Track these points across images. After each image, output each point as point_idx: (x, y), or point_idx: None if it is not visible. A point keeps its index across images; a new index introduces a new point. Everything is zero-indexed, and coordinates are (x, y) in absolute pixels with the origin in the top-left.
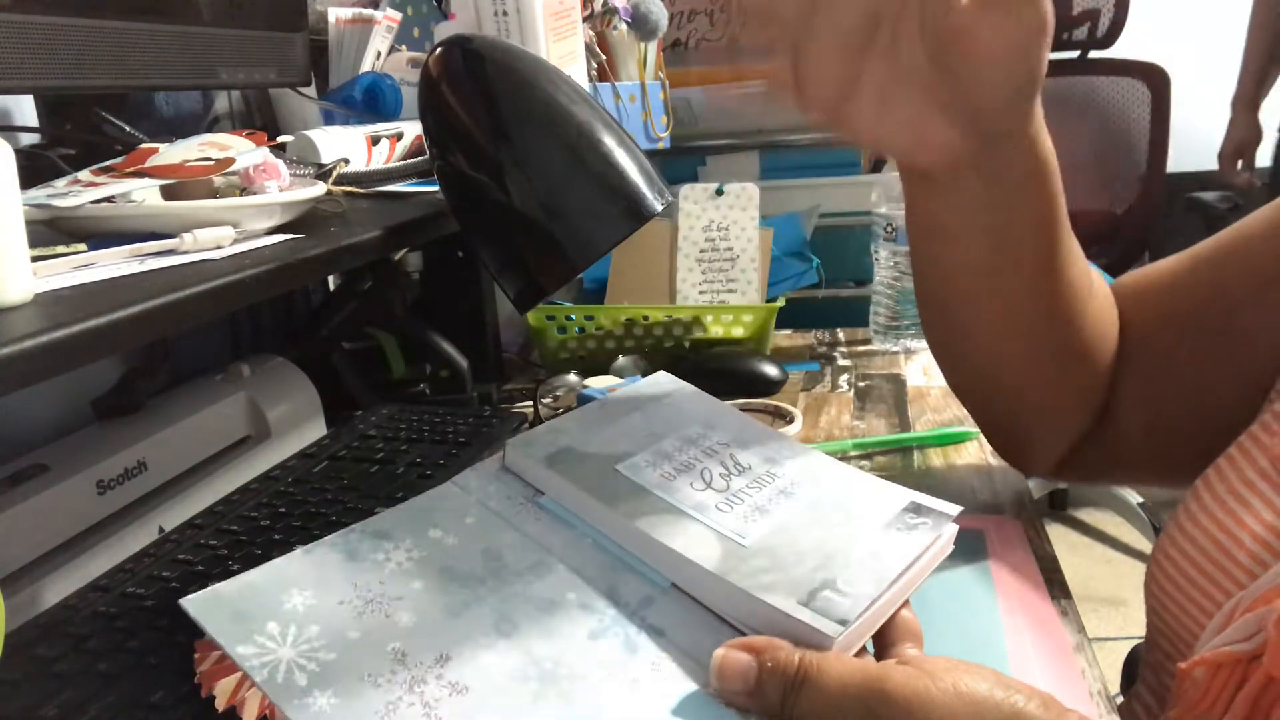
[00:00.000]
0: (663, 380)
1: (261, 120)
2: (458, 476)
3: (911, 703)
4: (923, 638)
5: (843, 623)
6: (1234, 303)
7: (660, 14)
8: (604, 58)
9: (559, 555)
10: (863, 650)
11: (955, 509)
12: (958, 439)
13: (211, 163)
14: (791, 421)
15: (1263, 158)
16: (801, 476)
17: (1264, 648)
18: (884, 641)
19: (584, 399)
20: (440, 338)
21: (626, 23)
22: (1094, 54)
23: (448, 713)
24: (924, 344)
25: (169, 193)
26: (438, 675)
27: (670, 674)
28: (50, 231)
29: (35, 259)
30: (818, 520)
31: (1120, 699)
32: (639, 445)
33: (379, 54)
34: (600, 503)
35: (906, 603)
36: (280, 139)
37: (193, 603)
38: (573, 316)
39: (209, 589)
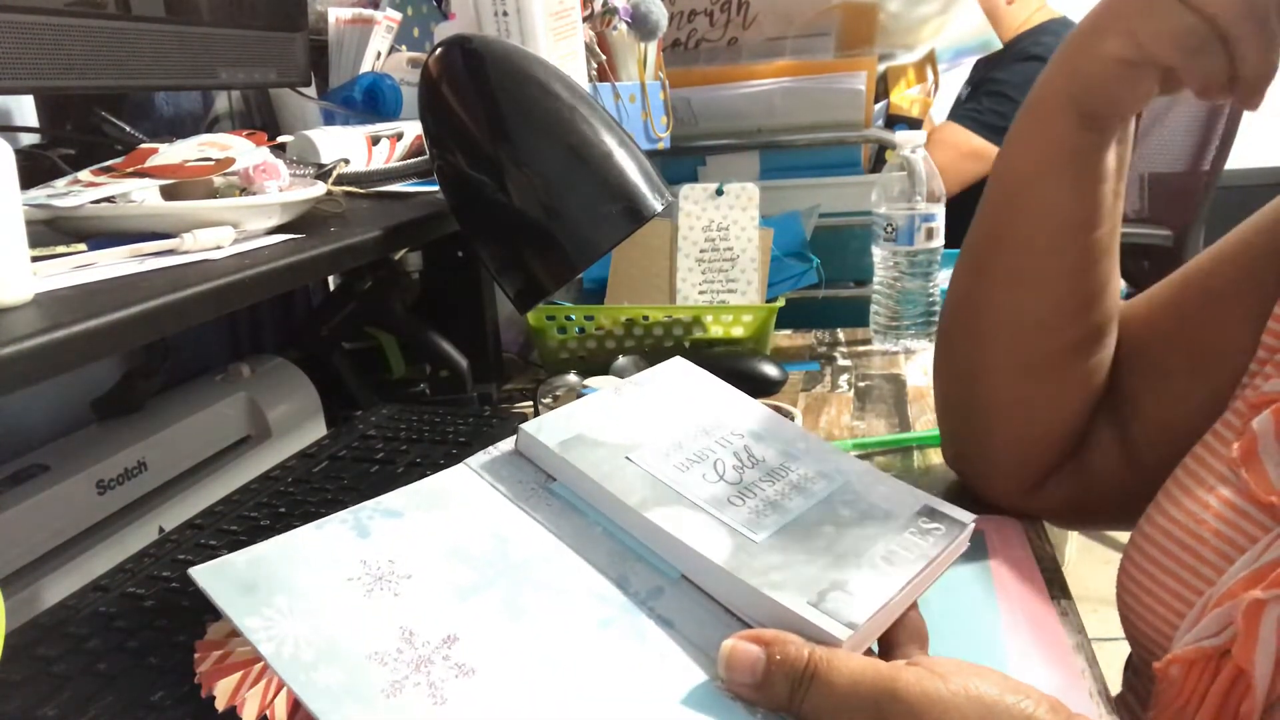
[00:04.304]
0: (679, 367)
1: (261, 120)
2: (470, 459)
3: (922, 703)
4: (929, 639)
5: (851, 625)
6: (1192, 334)
7: (660, 14)
8: (604, 58)
9: (569, 542)
10: (869, 651)
11: (970, 516)
12: None
13: (211, 163)
14: (791, 421)
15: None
16: (816, 472)
17: (1234, 641)
18: (890, 642)
19: None
20: (440, 338)
21: (626, 23)
22: None
23: (454, 693)
24: (924, 344)
25: (169, 193)
26: (445, 656)
27: (678, 665)
28: (50, 231)
29: (35, 259)
30: (830, 518)
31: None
32: (652, 434)
33: (379, 54)
34: (611, 492)
35: (914, 604)
36: (280, 139)
37: (202, 573)
38: (573, 316)
39: (218, 559)
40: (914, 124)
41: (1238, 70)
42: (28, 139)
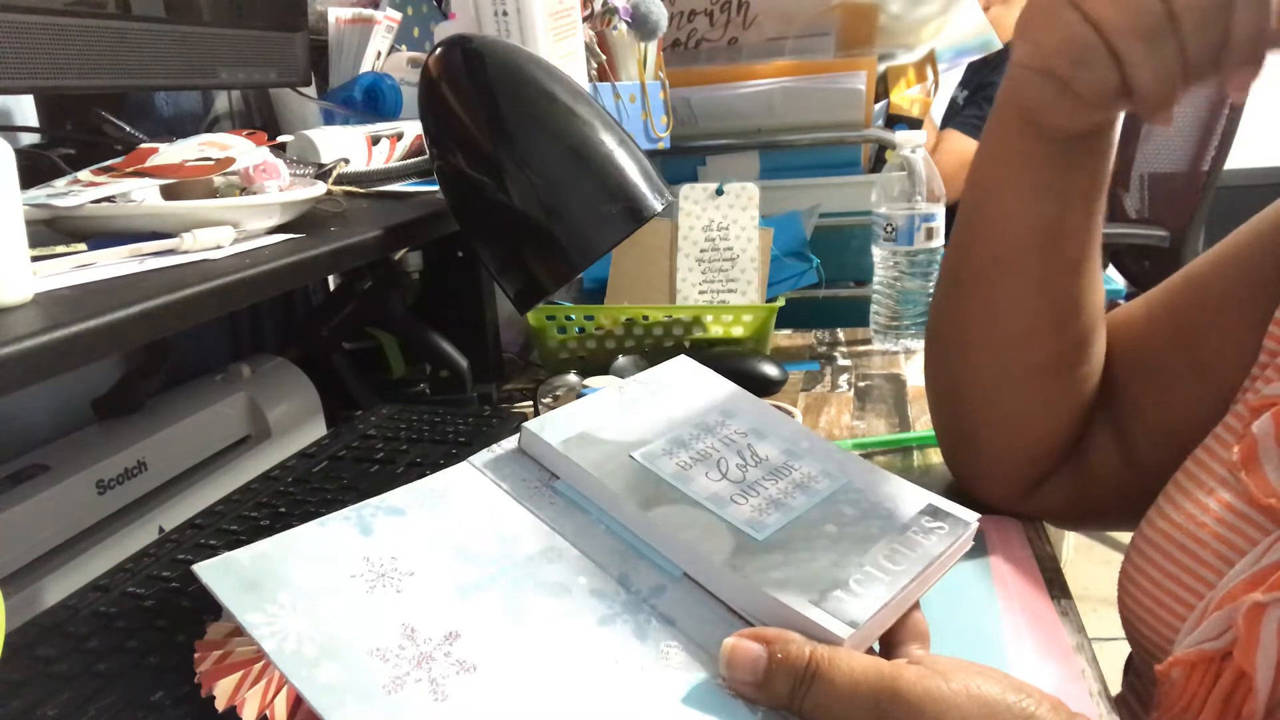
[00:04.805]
0: (683, 365)
1: (261, 120)
2: (473, 456)
3: (924, 701)
4: (930, 638)
5: (853, 624)
6: (1192, 339)
7: (660, 14)
8: (604, 58)
9: (571, 540)
10: (870, 650)
11: (974, 516)
12: None
13: (211, 163)
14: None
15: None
16: (819, 470)
17: (1235, 643)
18: (891, 641)
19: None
20: (440, 338)
21: (626, 23)
22: None
23: (455, 690)
24: (924, 344)
25: (169, 193)
26: (446, 653)
27: (679, 663)
28: (50, 231)
29: (35, 259)
30: (833, 517)
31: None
32: (656, 432)
33: (379, 54)
34: (614, 490)
35: (915, 604)
36: (280, 139)
37: (205, 569)
38: (573, 316)
39: (222, 556)
40: (914, 124)
41: (1131, 87)
42: (28, 139)
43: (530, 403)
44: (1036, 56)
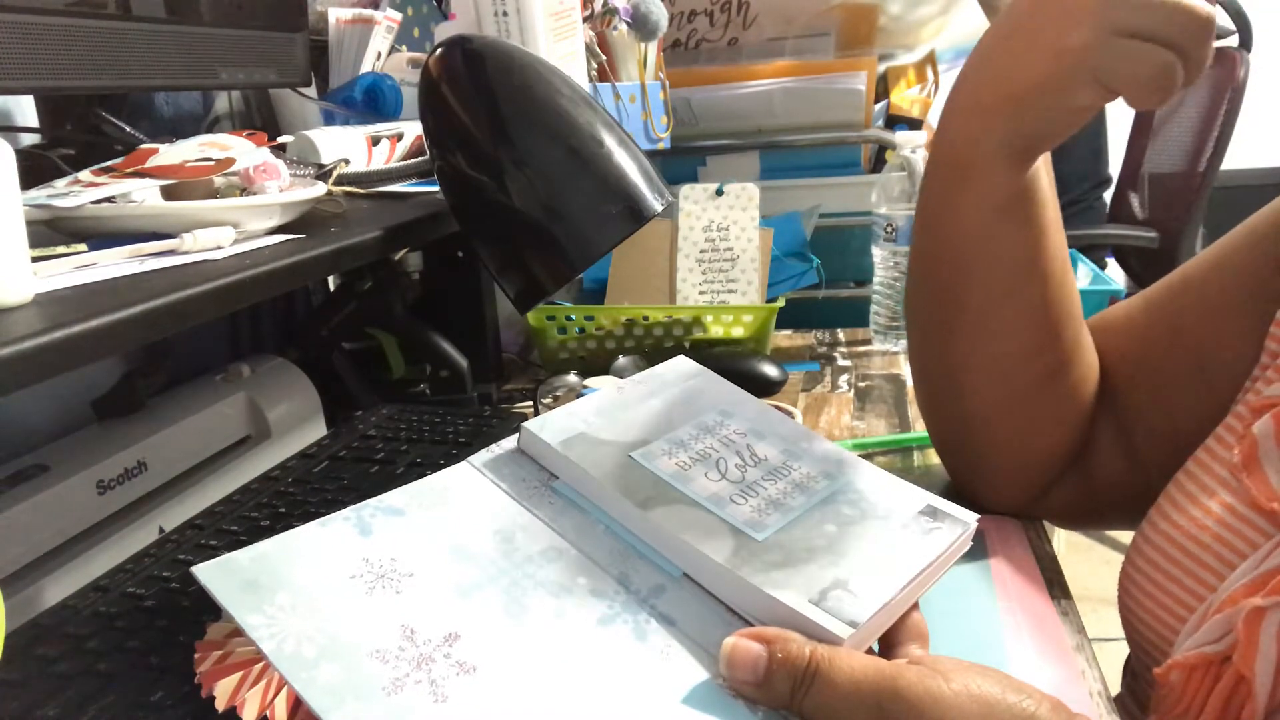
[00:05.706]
0: (682, 365)
1: (261, 120)
2: (473, 456)
3: (924, 701)
4: (929, 639)
5: (852, 624)
6: (1191, 339)
7: (660, 14)
8: (604, 58)
9: (571, 540)
10: (870, 650)
11: (973, 516)
12: None
13: (211, 163)
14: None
15: None
16: (819, 471)
17: (1234, 647)
18: (890, 641)
19: None
20: (440, 338)
21: (626, 23)
22: None
23: (455, 691)
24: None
25: (169, 193)
26: (446, 654)
27: (679, 663)
28: (50, 231)
29: (35, 259)
30: (833, 517)
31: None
32: (655, 432)
33: (379, 54)
34: (613, 490)
35: (915, 604)
36: (280, 139)
37: (204, 570)
38: (573, 316)
39: (221, 557)
40: (914, 124)
41: (1185, 85)
42: (28, 139)
43: (530, 403)
44: (1109, 94)
